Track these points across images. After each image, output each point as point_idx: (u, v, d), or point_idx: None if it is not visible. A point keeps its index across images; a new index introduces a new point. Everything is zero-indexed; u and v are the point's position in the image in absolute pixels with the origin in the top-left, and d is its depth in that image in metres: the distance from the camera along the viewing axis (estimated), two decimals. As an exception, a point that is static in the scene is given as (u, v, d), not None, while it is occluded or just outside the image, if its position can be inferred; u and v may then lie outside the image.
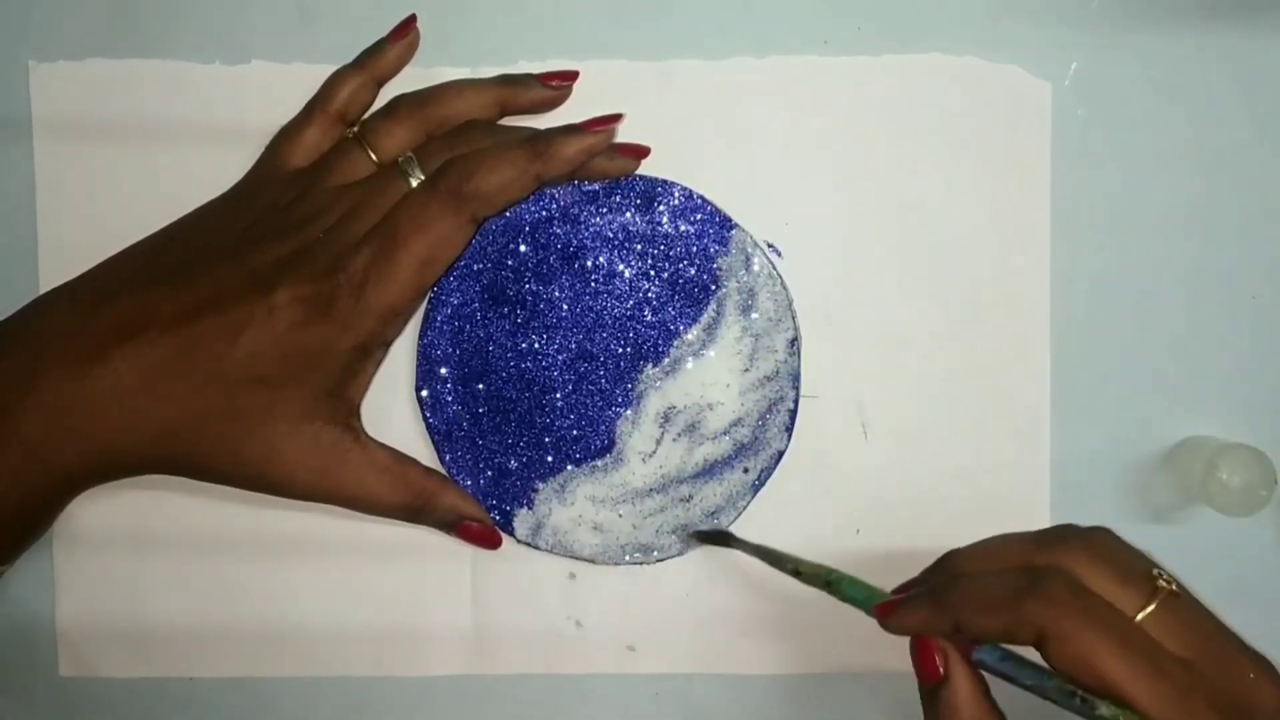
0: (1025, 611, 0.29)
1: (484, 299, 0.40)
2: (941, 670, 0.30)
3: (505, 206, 0.38)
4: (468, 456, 0.41)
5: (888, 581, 0.42)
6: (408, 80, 0.40)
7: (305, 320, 0.35)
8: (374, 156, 0.38)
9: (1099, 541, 0.31)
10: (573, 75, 0.40)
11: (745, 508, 0.41)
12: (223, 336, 0.35)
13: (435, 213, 0.36)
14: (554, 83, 0.40)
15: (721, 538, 0.40)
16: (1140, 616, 0.29)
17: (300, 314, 0.35)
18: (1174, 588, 0.30)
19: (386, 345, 0.40)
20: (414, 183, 0.37)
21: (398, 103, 0.39)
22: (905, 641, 0.42)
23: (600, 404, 0.41)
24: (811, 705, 0.42)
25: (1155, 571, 0.30)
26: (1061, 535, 0.31)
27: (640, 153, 0.40)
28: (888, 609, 0.33)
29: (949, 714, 0.30)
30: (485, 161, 0.37)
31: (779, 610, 0.42)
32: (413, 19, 0.40)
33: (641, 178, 0.40)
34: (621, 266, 0.40)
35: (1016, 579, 0.30)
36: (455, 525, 0.39)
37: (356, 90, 0.39)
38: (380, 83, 0.40)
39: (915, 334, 0.41)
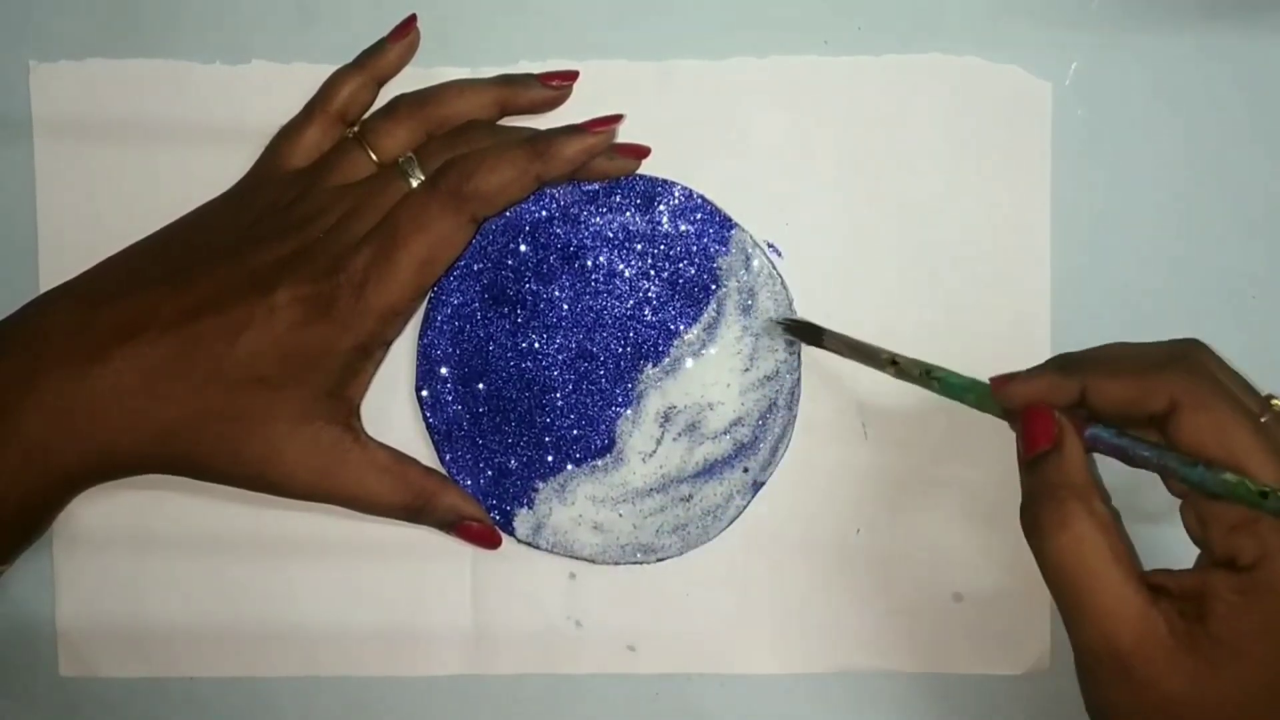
0: (1164, 378, 0.29)
1: (484, 299, 0.40)
2: (1053, 439, 0.30)
3: (506, 206, 0.38)
4: (468, 456, 0.41)
5: (891, 584, 0.42)
6: (408, 80, 0.40)
7: (305, 320, 0.35)
8: (374, 156, 0.38)
9: (1219, 357, 0.32)
10: (573, 75, 0.40)
11: (745, 507, 0.41)
12: (223, 336, 0.35)
13: (435, 213, 0.36)
14: (554, 83, 0.40)
15: (810, 331, 0.39)
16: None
17: (300, 314, 0.35)
18: None
19: (387, 345, 0.40)
20: (414, 183, 0.37)
21: (398, 102, 0.39)
22: (905, 642, 0.42)
23: (600, 404, 0.41)
24: (811, 705, 0.42)
25: (1268, 393, 0.31)
26: (1190, 340, 0.32)
27: (640, 153, 0.40)
28: (1006, 379, 0.32)
29: (1060, 479, 0.30)
30: (486, 161, 0.37)
31: (779, 610, 0.42)
32: (413, 19, 0.40)
33: (641, 177, 0.40)
34: (621, 266, 0.40)
35: (1154, 352, 0.31)
36: (455, 525, 0.39)
37: (356, 90, 0.39)
38: (380, 83, 0.40)
39: (915, 334, 0.41)
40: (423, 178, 0.37)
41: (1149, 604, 0.29)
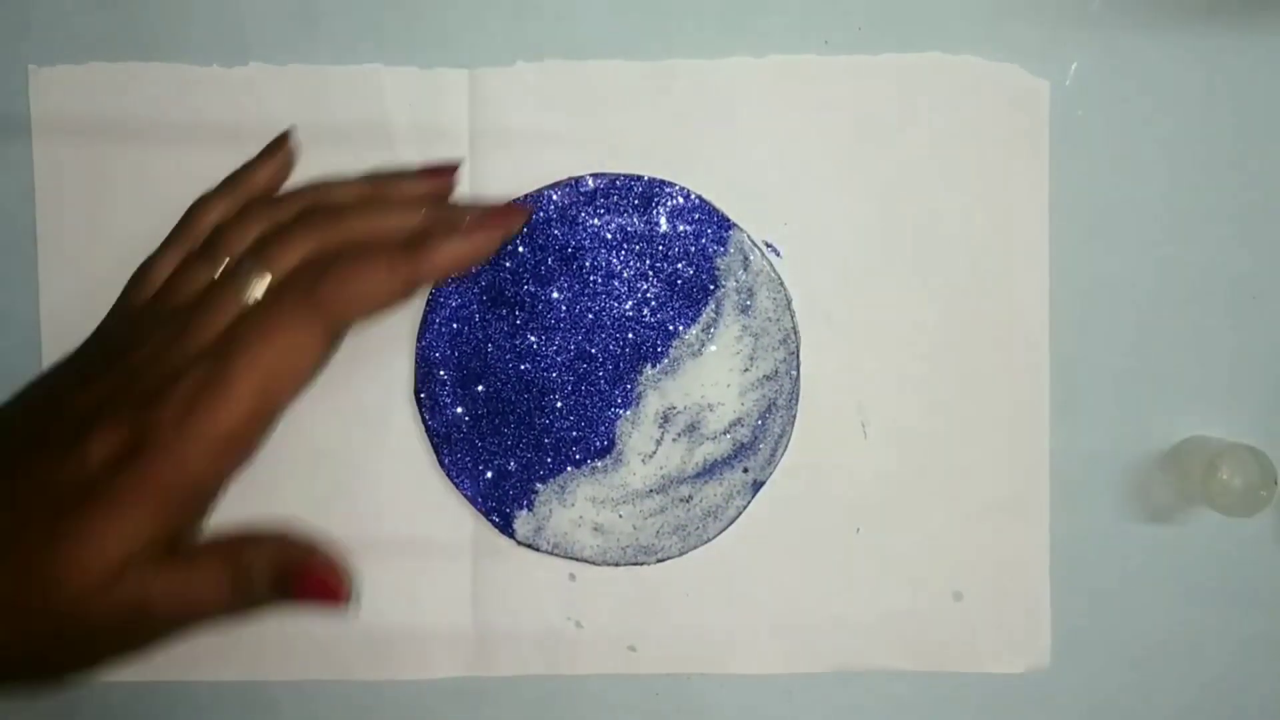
0: None
1: (482, 300, 0.40)
2: None
3: (371, 315, 0.33)
4: (467, 458, 0.41)
5: (891, 584, 0.42)
6: (398, 87, 0.40)
7: (119, 459, 0.30)
8: (219, 268, 0.34)
9: None
10: (454, 167, 0.38)
11: (745, 508, 0.41)
12: (41, 490, 0.30)
13: (284, 322, 0.32)
14: (434, 180, 0.37)
15: None
16: None
17: (114, 453, 0.30)
18: None
19: (228, 476, 0.32)
20: (260, 288, 0.33)
21: (249, 207, 0.36)
22: (905, 641, 0.42)
23: (600, 404, 0.41)
24: (811, 705, 0.42)
25: None
26: None
27: (525, 214, 0.37)
28: None
29: None
30: (347, 264, 0.32)
31: (779, 610, 0.42)
32: (286, 136, 0.39)
33: (641, 178, 0.40)
34: (620, 267, 0.40)
35: None
36: (290, 577, 0.32)
37: (221, 217, 0.36)
38: None
39: (915, 334, 0.41)
40: (269, 278, 0.33)
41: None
